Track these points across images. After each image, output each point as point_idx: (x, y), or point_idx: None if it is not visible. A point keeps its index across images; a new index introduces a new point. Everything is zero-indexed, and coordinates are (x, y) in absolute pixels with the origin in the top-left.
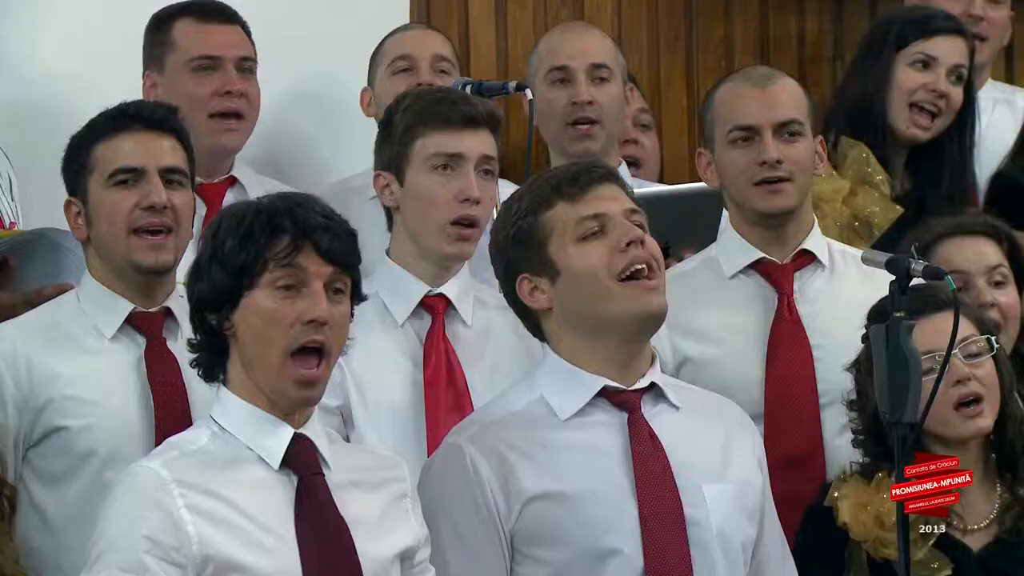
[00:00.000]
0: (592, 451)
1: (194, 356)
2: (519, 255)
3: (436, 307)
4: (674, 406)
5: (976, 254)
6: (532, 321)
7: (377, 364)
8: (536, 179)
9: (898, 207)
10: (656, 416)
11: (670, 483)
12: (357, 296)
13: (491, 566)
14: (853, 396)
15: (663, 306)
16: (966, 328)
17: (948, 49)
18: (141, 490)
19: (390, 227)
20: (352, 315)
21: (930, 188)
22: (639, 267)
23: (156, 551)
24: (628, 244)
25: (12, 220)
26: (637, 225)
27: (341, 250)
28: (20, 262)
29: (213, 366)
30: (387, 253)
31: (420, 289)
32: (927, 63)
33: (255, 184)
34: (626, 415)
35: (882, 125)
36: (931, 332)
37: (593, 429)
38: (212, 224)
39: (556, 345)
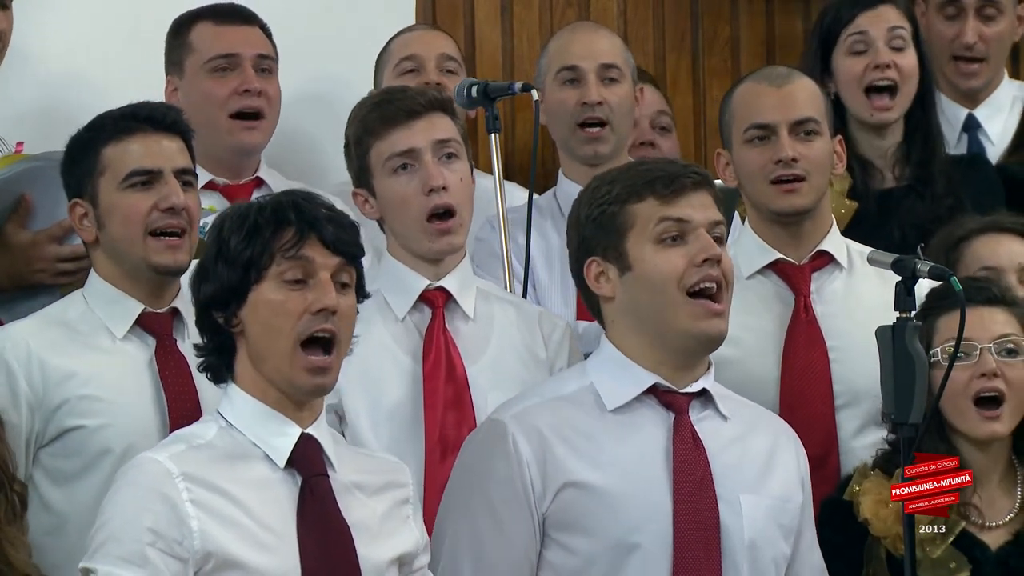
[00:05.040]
0: (634, 446)
1: (201, 360)
2: (596, 237)
3: (436, 300)
4: (723, 415)
5: (1009, 252)
6: (592, 303)
7: (376, 359)
8: (631, 167)
9: (849, 201)
10: (702, 421)
11: (709, 487)
12: (361, 293)
13: (522, 544)
14: None
15: (723, 331)
16: (1009, 326)
17: (874, 20)
18: (147, 482)
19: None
20: (357, 310)
21: (912, 163)
22: (709, 285)
23: (159, 544)
24: (704, 260)
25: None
26: (717, 238)
27: (346, 240)
28: (35, 194)
29: (221, 367)
30: (388, 250)
31: (420, 283)
32: (862, 44)
33: (282, 186)
34: (673, 416)
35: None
36: (974, 323)
37: (638, 424)
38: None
39: (612, 333)
